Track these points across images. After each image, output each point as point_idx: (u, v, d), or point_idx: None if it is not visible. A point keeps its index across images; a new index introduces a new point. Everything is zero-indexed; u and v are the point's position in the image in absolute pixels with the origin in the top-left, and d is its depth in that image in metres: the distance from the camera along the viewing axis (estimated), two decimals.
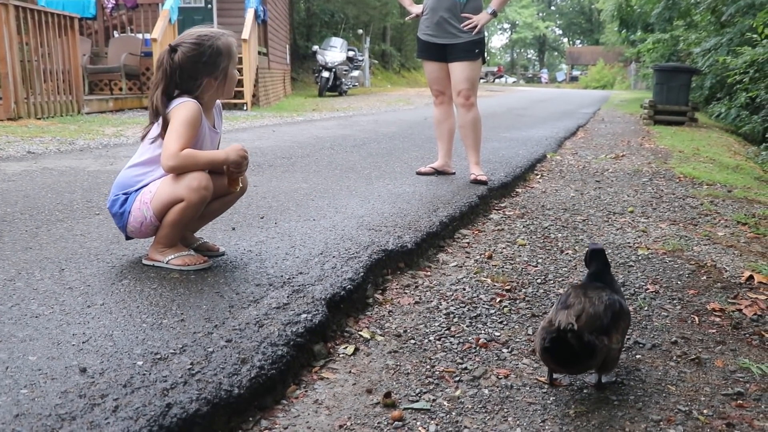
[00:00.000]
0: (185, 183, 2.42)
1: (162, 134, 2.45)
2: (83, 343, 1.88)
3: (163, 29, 11.87)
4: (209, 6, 16.26)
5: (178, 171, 2.42)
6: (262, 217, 3.45)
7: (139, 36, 13.79)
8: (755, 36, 11.85)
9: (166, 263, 2.55)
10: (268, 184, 4.46)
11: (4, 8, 8.41)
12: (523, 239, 3.57)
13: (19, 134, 7.29)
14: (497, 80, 62.20)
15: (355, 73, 23.65)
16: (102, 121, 9.44)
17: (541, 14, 70.64)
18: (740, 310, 2.65)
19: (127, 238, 2.65)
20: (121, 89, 12.84)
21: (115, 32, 14.40)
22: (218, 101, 2.65)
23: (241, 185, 2.61)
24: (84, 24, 13.72)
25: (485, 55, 4.93)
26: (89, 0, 14.28)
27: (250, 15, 13.12)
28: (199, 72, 2.45)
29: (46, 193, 4.00)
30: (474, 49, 4.73)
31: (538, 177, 5.61)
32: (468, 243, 3.49)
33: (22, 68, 8.83)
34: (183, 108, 2.42)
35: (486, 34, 4.97)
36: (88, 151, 6.23)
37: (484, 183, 4.67)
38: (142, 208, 2.49)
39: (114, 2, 14.25)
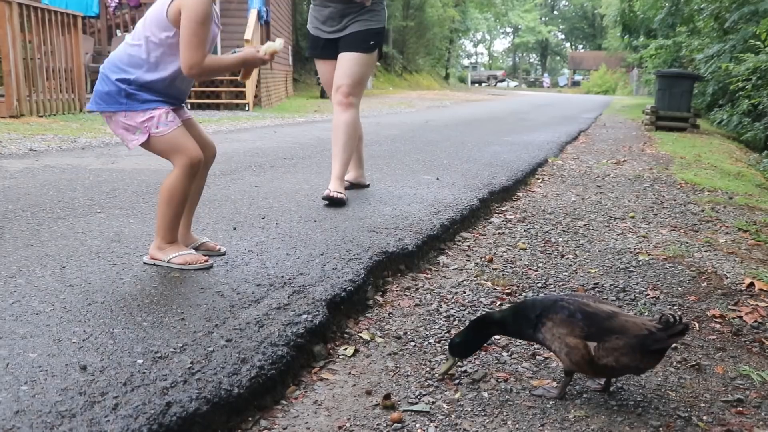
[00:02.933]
0: (181, 160, 2.47)
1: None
2: (84, 340, 1.88)
3: None
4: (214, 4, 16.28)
5: (199, 77, 2.47)
6: (263, 218, 3.46)
7: None
8: (758, 43, 11.87)
9: (167, 262, 2.55)
10: (270, 184, 4.46)
11: (7, 6, 8.43)
12: (523, 243, 3.57)
13: (21, 132, 7.29)
14: (499, 84, 62.26)
15: None
16: (104, 120, 9.43)
17: (543, 18, 70.72)
18: (741, 317, 2.65)
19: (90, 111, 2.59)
20: None
21: (118, 31, 14.40)
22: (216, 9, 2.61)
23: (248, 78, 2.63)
24: (87, 22, 13.74)
25: (382, 49, 4.23)
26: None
27: (252, 15, 13.14)
28: None
29: (48, 191, 4.00)
30: (368, 40, 4.05)
31: (539, 181, 5.61)
32: (469, 246, 3.50)
33: (25, 66, 8.84)
34: (194, 3, 2.36)
35: (386, 25, 4.26)
36: (89, 149, 6.24)
37: (338, 203, 3.84)
38: (139, 128, 2.45)
39: (117, 1, 14.29)
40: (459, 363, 2.07)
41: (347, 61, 4.04)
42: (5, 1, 8.47)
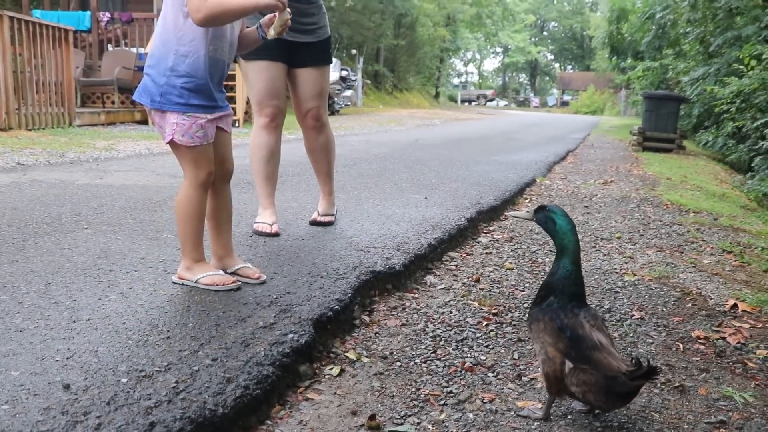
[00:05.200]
0: (190, 173, 2.45)
1: None
2: (67, 359, 1.87)
3: None
4: None
5: (213, 23, 2.36)
6: (251, 236, 3.45)
7: (134, 50, 13.79)
8: (741, 67, 12.07)
9: (195, 282, 2.52)
10: (258, 201, 4.45)
11: None
12: (510, 263, 3.58)
13: (9, 145, 7.26)
14: (489, 103, 62.58)
15: (348, 92, 23.69)
16: (93, 134, 9.41)
17: (533, 39, 71.28)
18: (724, 338, 2.66)
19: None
20: (113, 102, 12.82)
21: (109, 45, 14.42)
22: None
23: (274, 33, 2.50)
24: (78, 37, 13.74)
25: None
26: (84, 13, 14.37)
27: None
28: None
29: (35, 206, 3.98)
30: (328, 50, 3.62)
31: (527, 201, 5.64)
32: (456, 266, 3.50)
33: (15, 79, 8.83)
34: None
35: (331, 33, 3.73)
36: (78, 164, 6.21)
37: (328, 225, 3.78)
38: (167, 128, 2.43)
39: (109, 16, 14.32)
40: (444, 384, 2.06)
41: (318, 77, 3.57)
42: None
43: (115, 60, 13.16)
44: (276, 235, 3.45)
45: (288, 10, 2.46)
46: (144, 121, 11.99)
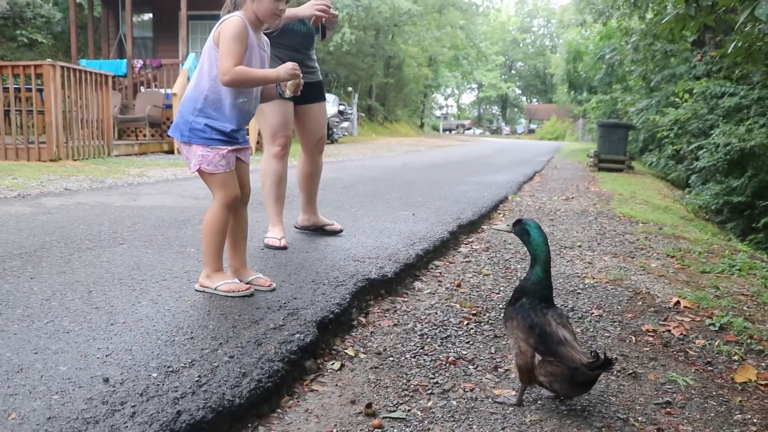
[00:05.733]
0: (219, 196, 2.46)
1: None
2: (107, 356, 1.86)
3: (182, 85, 11.90)
4: None
5: (235, 85, 2.39)
6: (262, 249, 3.44)
7: (162, 91, 13.82)
8: (677, 99, 12.21)
9: (215, 289, 2.51)
10: (268, 220, 4.43)
11: (52, 68, 8.53)
12: (487, 270, 3.58)
13: (58, 173, 7.24)
14: (466, 132, 62.70)
15: (345, 124, 23.74)
16: (128, 163, 9.40)
17: (503, 76, 71.49)
18: (669, 331, 2.66)
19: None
20: (145, 136, 12.81)
21: (141, 87, 14.44)
22: (266, 39, 2.60)
23: (290, 93, 2.53)
24: (116, 81, 13.76)
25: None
26: (121, 61, 14.44)
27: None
28: None
29: (79, 225, 3.97)
30: (323, 88, 3.78)
31: (500, 216, 5.64)
32: (440, 273, 3.49)
33: (63, 117, 8.83)
34: (229, 24, 2.39)
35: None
36: (115, 188, 6.20)
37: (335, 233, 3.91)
38: (195, 159, 2.45)
39: (142, 63, 14.37)
40: (431, 376, 2.05)
41: (324, 110, 3.73)
42: (51, 64, 8.53)
43: (146, 100, 13.18)
44: (284, 248, 3.45)
45: (301, 76, 2.49)
46: (171, 151, 11.98)
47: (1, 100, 8.72)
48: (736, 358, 2.43)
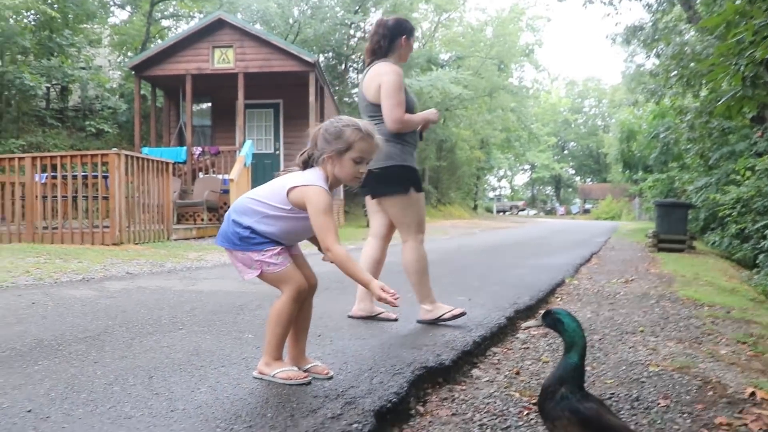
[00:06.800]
0: (289, 289, 2.51)
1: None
2: None
3: (239, 171, 12.36)
4: (277, 152, 16.94)
5: (332, 261, 2.47)
6: (319, 335, 3.46)
7: (220, 177, 14.34)
8: (738, 177, 11.96)
9: (273, 377, 2.53)
10: (325, 305, 4.47)
11: (117, 157, 9.05)
12: (546, 356, 3.49)
13: (120, 257, 7.52)
14: (520, 213, 62.45)
15: None
16: (186, 247, 9.69)
17: (556, 157, 71.60)
18: (746, 425, 2.52)
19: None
20: (203, 220, 13.23)
21: (200, 173, 14.99)
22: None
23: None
24: (176, 167, 14.36)
25: None
26: (181, 148, 15.13)
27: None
28: (323, 146, 2.51)
29: (140, 309, 4.09)
30: None
31: (558, 300, 5.53)
32: (498, 360, 3.43)
33: (126, 203, 9.26)
34: (317, 196, 2.44)
35: None
36: (174, 272, 6.38)
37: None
38: (254, 264, 2.51)
39: (200, 150, 15.00)
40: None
41: None
42: (116, 153, 9.05)
43: (204, 185, 13.68)
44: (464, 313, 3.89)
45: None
46: None
47: (71, 187, 9.24)
48: None
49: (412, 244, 3.93)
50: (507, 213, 60.70)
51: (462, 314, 3.89)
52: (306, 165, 2.56)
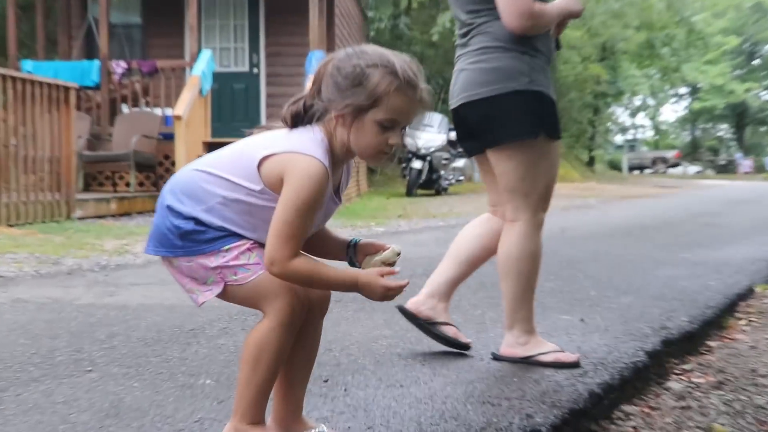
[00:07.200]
0: (275, 307, 2.45)
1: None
2: None
3: (191, 103, 12.36)
4: (255, 71, 16.91)
5: (289, 280, 2.42)
6: (326, 381, 3.46)
7: (157, 112, 14.35)
8: None
9: None
10: (336, 328, 4.46)
11: None
12: (723, 425, 3.43)
13: None
14: (670, 170, 61.87)
15: (460, 162, 23.87)
16: (100, 231, 9.74)
17: (738, 72, 70.14)
18: None
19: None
20: (128, 184, 13.30)
21: (124, 106, 15.01)
22: (346, 166, 2.65)
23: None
24: (83, 95, 14.38)
25: None
26: (91, 63, 15.01)
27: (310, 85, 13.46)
28: (331, 95, 2.46)
29: (17, 338, 4.12)
30: None
31: (742, 323, 5.44)
32: (635, 427, 3.39)
33: None
34: (304, 173, 2.38)
35: None
36: (79, 274, 6.43)
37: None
38: (210, 276, 2.47)
39: (125, 66, 14.92)
40: None
41: None
42: None
43: (132, 126, 13.67)
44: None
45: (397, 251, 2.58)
46: None
47: None
48: None
49: (523, 228, 3.88)
50: (647, 171, 60.26)
51: (574, 365, 3.84)
52: (297, 120, 2.51)
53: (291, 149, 2.41)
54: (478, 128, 3.85)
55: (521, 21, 3.63)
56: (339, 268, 2.49)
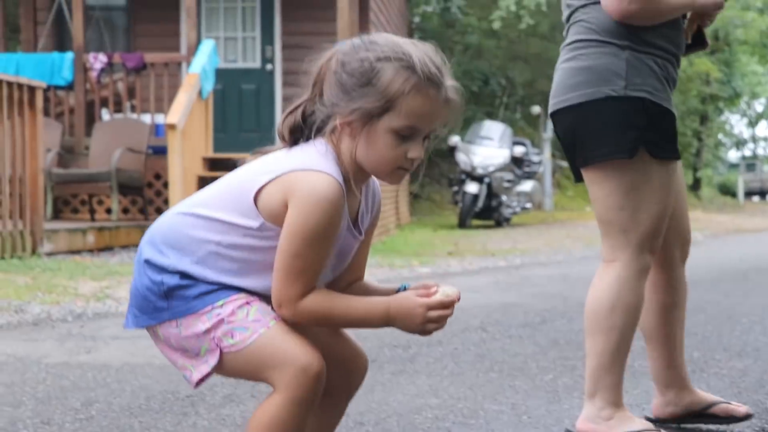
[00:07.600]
0: (285, 377, 2.38)
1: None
2: None
3: (189, 107, 12.34)
4: (269, 67, 16.89)
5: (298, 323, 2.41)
6: None
7: (146, 119, 14.36)
8: None
9: None
10: (369, 396, 4.45)
11: None
12: None
13: None
14: None
15: (527, 185, 23.69)
16: (74, 270, 9.74)
17: None
18: None
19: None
20: (109, 211, 13.28)
21: (104, 111, 14.97)
22: (373, 189, 2.64)
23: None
24: (52, 97, 14.41)
25: None
26: (62, 56, 14.95)
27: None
28: (335, 98, 2.43)
29: None
30: None
31: None
32: None
33: None
34: (312, 192, 2.34)
35: None
36: (47, 325, 6.44)
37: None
38: (203, 343, 2.43)
39: (105, 60, 14.89)
40: None
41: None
42: None
43: (114, 137, 13.64)
44: None
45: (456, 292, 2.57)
46: None
47: None
48: None
49: (620, 272, 3.80)
50: None
51: None
52: (297, 135, 2.49)
53: (293, 168, 2.38)
54: (567, 144, 3.81)
55: (623, 2, 3.49)
56: (366, 298, 2.49)
